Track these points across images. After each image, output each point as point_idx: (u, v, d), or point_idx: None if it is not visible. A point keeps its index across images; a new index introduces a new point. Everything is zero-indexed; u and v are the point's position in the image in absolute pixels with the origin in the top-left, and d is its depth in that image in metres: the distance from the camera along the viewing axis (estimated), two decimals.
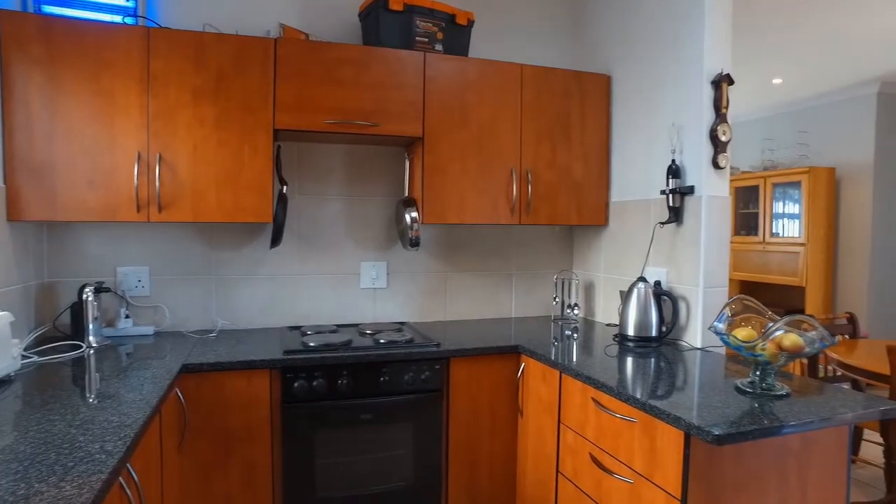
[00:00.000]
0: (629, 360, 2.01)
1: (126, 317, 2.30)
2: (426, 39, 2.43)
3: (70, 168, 1.98)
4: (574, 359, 2.03)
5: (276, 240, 2.34)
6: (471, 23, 2.53)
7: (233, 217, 2.17)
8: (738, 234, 5.56)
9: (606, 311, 2.78)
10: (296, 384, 2.00)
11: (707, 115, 2.19)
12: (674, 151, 2.34)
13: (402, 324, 2.69)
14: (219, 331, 2.45)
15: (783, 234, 5.19)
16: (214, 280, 2.49)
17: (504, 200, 2.52)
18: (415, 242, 2.46)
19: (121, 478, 1.11)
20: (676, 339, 2.29)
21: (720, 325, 1.69)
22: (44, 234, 2.27)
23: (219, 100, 2.13)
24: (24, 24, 1.92)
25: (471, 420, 2.25)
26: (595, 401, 1.79)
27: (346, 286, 2.68)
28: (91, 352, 2.02)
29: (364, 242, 2.70)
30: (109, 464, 1.05)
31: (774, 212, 5.25)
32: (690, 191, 2.23)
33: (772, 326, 1.56)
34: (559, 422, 2.01)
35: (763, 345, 1.56)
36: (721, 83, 2.16)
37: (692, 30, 2.24)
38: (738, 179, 5.52)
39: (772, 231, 5.27)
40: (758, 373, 1.63)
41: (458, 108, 2.43)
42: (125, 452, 1.11)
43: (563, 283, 2.98)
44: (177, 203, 2.11)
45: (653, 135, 2.47)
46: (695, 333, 2.20)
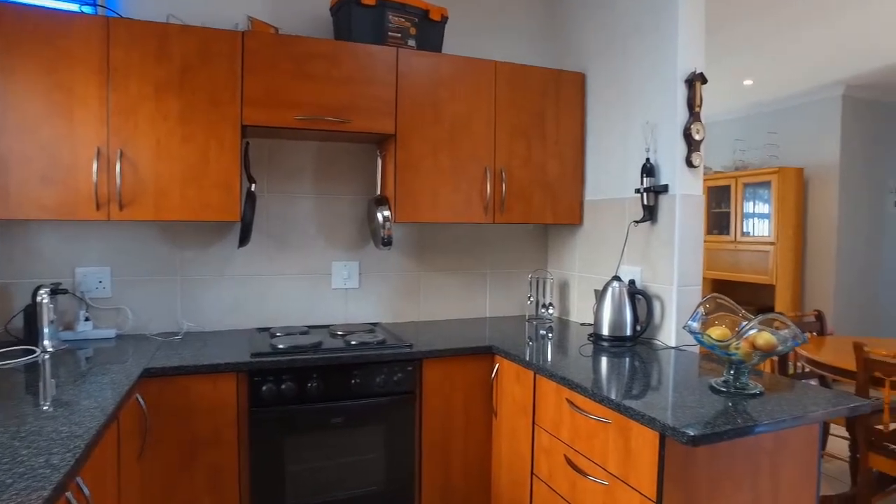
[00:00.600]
0: (604, 360, 2.00)
1: (86, 319, 2.21)
2: (399, 35, 2.39)
3: (23, 164, 1.88)
4: (548, 359, 2.00)
5: (245, 239, 2.27)
6: (444, 19, 2.49)
7: (198, 215, 2.10)
8: (711, 234, 5.63)
9: (581, 311, 2.76)
10: (264, 388, 1.94)
11: (681, 114, 2.19)
12: (648, 150, 2.33)
13: (375, 324, 2.64)
14: (184, 333, 2.36)
15: (754, 234, 5.27)
16: (180, 281, 2.40)
17: (478, 198, 2.49)
18: (387, 241, 2.41)
19: (69, 492, 1.04)
20: (651, 339, 2.28)
21: (694, 325, 1.68)
22: None
23: (183, 93, 2.05)
24: None
25: (444, 422, 2.21)
26: (569, 402, 1.77)
27: (318, 286, 2.62)
28: (46, 357, 1.92)
29: (335, 242, 2.64)
30: (54, 479, 0.98)
31: (745, 211, 5.33)
32: (664, 189, 2.23)
33: (745, 325, 1.55)
34: (534, 423, 1.99)
35: (737, 344, 1.55)
36: (694, 82, 2.16)
37: (666, 27, 2.23)
38: (711, 179, 5.60)
39: (743, 230, 5.35)
40: (731, 372, 1.62)
41: (432, 105, 2.39)
42: (73, 465, 1.04)
43: (538, 283, 2.96)
44: (139, 201, 2.02)
45: (627, 133, 2.46)
46: (669, 332, 2.20)
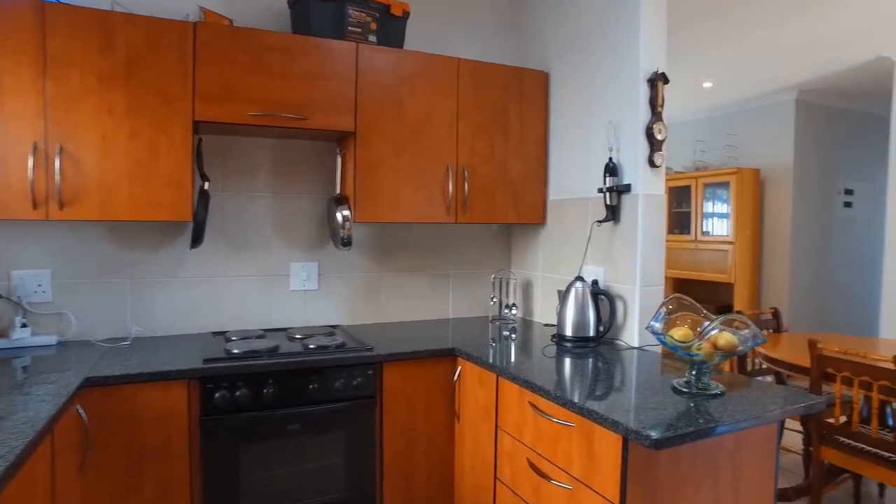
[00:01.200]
0: (567, 362, 1.98)
1: (23, 326, 2.07)
2: (359, 30, 2.33)
3: None
4: (511, 361, 1.97)
5: (197, 239, 2.17)
6: (406, 14, 2.43)
7: (147, 215, 1.99)
8: (672, 233, 5.73)
9: (544, 311, 2.75)
10: (217, 395, 1.85)
11: (643, 114, 2.18)
12: (611, 149, 2.32)
13: (335, 327, 2.57)
14: (133, 339, 2.25)
15: (713, 233, 5.37)
16: (128, 283, 2.28)
17: (440, 198, 2.44)
18: (347, 242, 2.34)
19: None
20: (614, 339, 2.28)
21: (657, 325, 1.67)
22: None
23: (130, 87, 1.95)
24: None
25: (406, 426, 2.16)
26: (532, 405, 1.74)
27: (275, 288, 2.53)
28: None
29: (294, 242, 2.56)
30: None
31: (705, 211, 5.44)
32: (627, 189, 2.22)
33: (707, 326, 1.55)
34: (497, 426, 1.95)
35: (699, 345, 1.55)
36: (657, 81, 2.16)
37: (627, 23, 2.23)
38: (672, 179, 5.69)
39: (703, 230, 5.45)
40: (693, 372, 1.62)
41: (393, 102, 2.33)
42: None
43: (501, 283, 2.93)
44: (82, 199, 1.91)
45: (590, 132, 2.45)
46: (632, 332, 2.20)
